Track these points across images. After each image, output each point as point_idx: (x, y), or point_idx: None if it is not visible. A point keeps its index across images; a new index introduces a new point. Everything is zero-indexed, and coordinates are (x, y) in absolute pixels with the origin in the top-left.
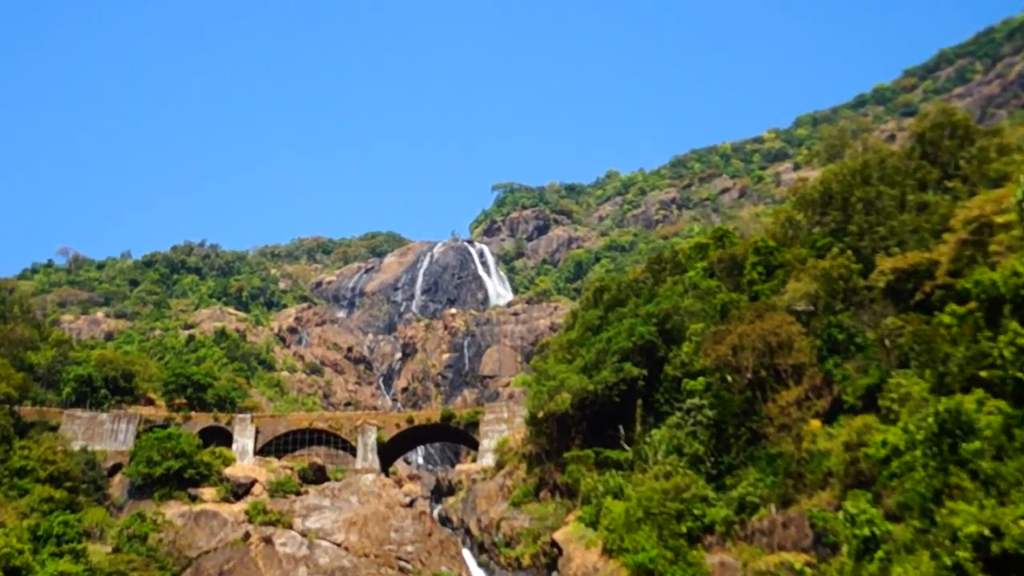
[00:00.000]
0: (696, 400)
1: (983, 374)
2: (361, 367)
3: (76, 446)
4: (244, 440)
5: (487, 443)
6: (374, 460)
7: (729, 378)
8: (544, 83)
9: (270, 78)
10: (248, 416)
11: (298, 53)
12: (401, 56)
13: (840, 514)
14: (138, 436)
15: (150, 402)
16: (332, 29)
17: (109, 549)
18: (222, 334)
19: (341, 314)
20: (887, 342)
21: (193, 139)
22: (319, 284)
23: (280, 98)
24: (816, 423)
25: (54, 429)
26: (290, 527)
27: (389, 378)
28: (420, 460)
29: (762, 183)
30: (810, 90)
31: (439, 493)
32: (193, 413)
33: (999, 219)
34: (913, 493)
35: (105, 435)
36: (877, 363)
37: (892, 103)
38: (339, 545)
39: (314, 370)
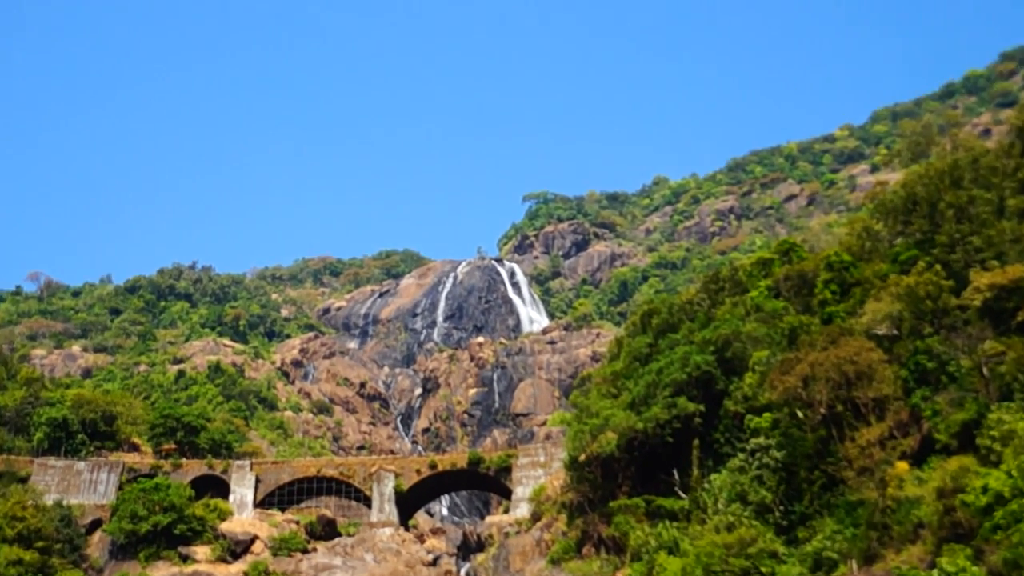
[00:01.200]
0: (761, 440)
1: None
2: (376, 405)
3: (49, 500)
4: (243, 490)
5: (521, 491)
6: (392, 512)
7: (800, 414)
8: (580, 81)
9: (270, 79)
10: (247, 463)
11: (302, 53)
12: (417, 55)
13: (935, 572)
14: (121, 487)
15: (135, 448)
16: (340, 26)
17: None
18: (217, 369)
19: (352, 344)
20: (985, 370)
21: (182, 148)
22: (327, 311)
23: (281, 103)
24: (903, 466)
25: (23, 480)
26: None
27: (408, 417)
28: (444, 511)
29: (834, 188)
30: (889, 80)
31: (467, 549)
32: (184, 460)
33: None
34: (1022, 548)
35: (83, 487)
36: (974, 395)
37: (986, 92)
38: None
39: (322, 409)
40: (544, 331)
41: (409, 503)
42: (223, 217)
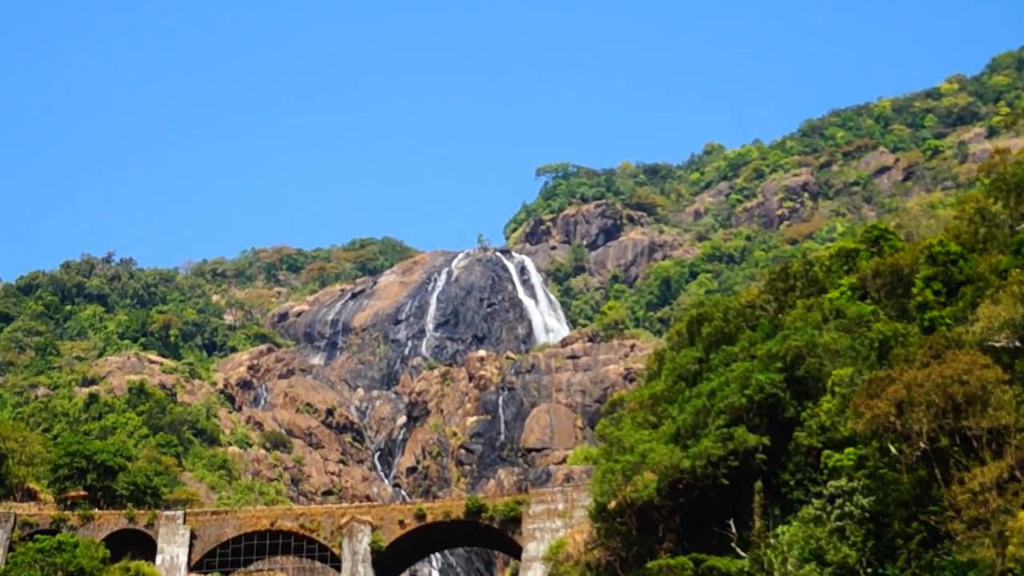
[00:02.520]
0: (843, 482)
1: None
2: (347, 438)
3: None
4: (174, 549)
5: (534, 548)
6: (368, 575)
7: (893, 449)
8: (606, 21)
9: (213, 38)
10: (180, 514)
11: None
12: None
13: None
14: (11, 548)
15: (31, 495)
16: None
17: None
18: (140, 392)
19: (317, 360)
20: None
21: (94, 120)
22: (284, 316)
23: (224, 65)
24: None
25: None
26: None
27: (389, 453)
28: (436, 574)
29: (939, 158)
30: (1013, 18)
31: None
32: (97, 511)
33: None
34: None
35: None
36: None
37: None
38: None
39: (278, 443)
40: (564, 342)
41: (390, 564)
42: (148, 199)
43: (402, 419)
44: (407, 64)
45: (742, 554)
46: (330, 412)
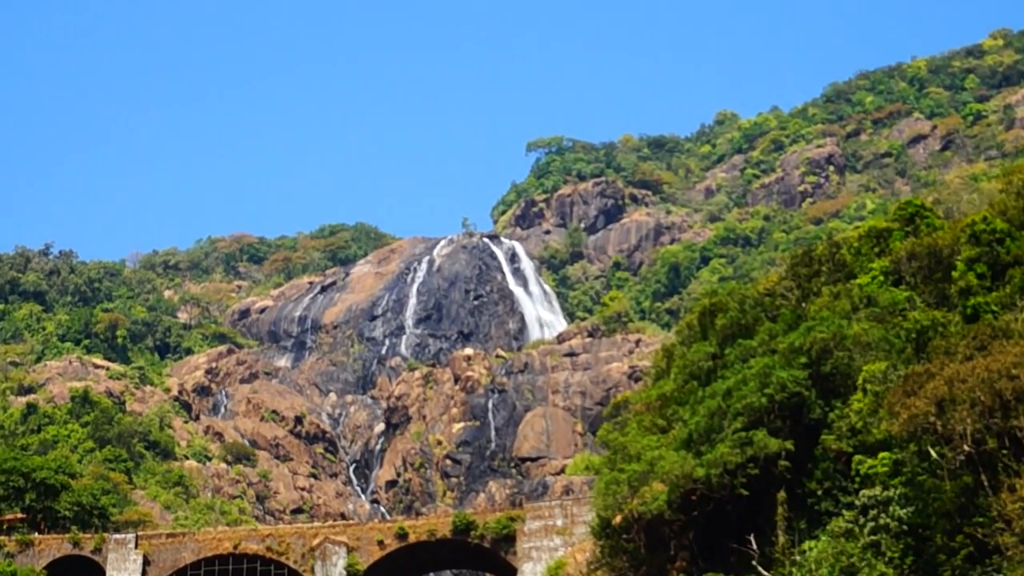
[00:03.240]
0: (878, 491)
1: None
2: (319, 449)
3: None
4: None
5: (531, 569)
6: None
7: (933, 452)
8: None
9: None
10: (131, 537)
11: None
12: None
13: None
14: None
15: None
16: None
17: None
18: (84, 401)
19: (283, 362)
20: None
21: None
22: (245, 313)
23: (175, 34)
24: None
25: None
26: None
27: (366, 466)
28: None
29: (981, 124)
30: None
31: None
32: (37, 535)
33: None
34: None
35: None
36: None
37: None
38: None
39: (241, 456)
40: (560, 338)
41: None
42: (90, 184)
43: (380, 427)
44: (378, 32)
45: (764, 573)
46: (299, 420)
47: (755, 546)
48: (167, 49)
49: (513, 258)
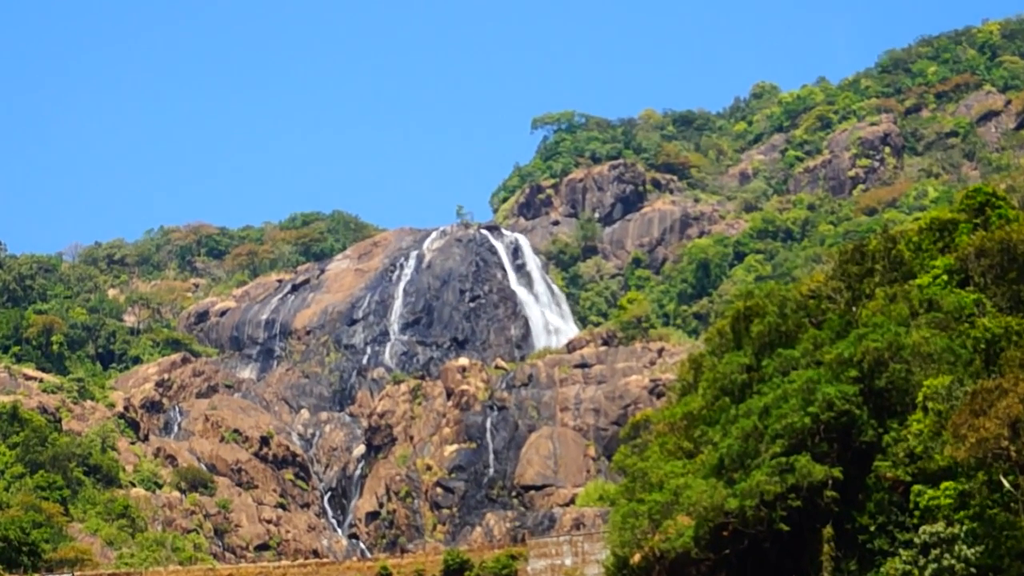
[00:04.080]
0: (941, 527)
1: None
2: (288, 474)
3: None
4: None
5: None
6: None
7: (1006, 482)
8: None
9: None
10: None
11: None
12: None
13: None
14: None
15: None
16: None
17: None
18: (13, 418)
19: (247, 373)
20: None
21: None
22: (203, 316)
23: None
24: None
25: None
26: None
27: (343, 495)
28: None
29: None
30: None
31: None
32: None
33: None
34: None
35: None
36: None
37: None
38: None
39: (196, 483)
40: (571, 347)
41: None
42: (22, 168)
43: (360, 449)
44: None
45: None
46: (265, 441)
47: None
48: (115, 20)
49: (516, 253)
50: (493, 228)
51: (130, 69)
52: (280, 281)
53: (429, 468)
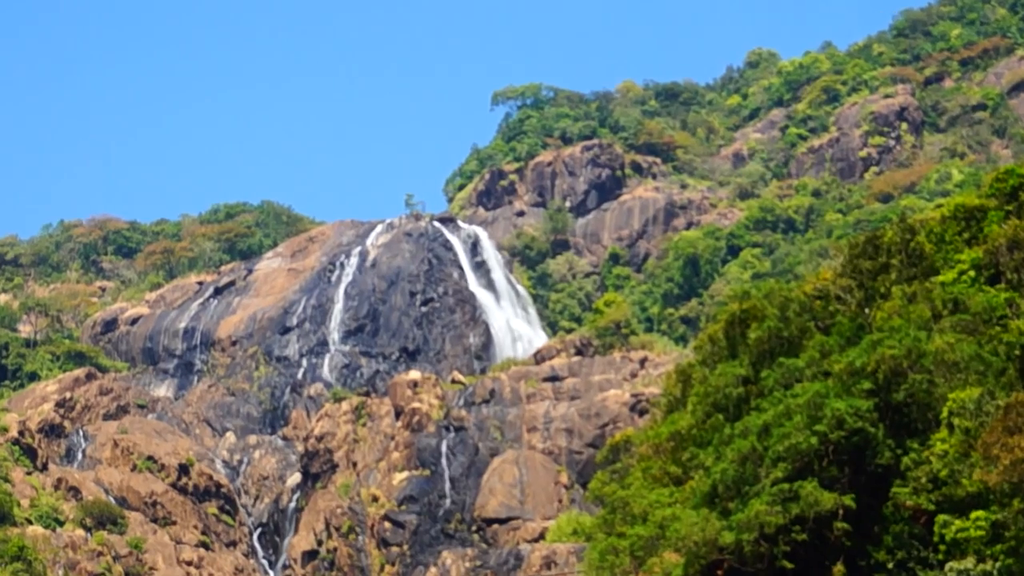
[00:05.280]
0: (970, 563)
1: None
2: (211, 508)
3: None
4: None
5: None
6: None
7: None
8: None
9: None
10: None
11: None
12: None
13: None
14: None
15: None
16: None
17: None
18: None
19: (163, 391)
20: None
21: None
22: (111, 325)
23: None
24: None
25: None
26: None
27: (275, 531)
28: None
29: None
30: None
31: None
32: None
33: None
34: None
35: None
36: None
37: None
38: None
39: (104, 519)
40: (539, 357)
41: None
42: None
43: (295, 478)
44: None
45: None
46: (184, 470)
47: None
48: None
49: (475, 249)
50: (448, 220)
51: (18, 41)
52: (200, 283)
53: (375, 499)
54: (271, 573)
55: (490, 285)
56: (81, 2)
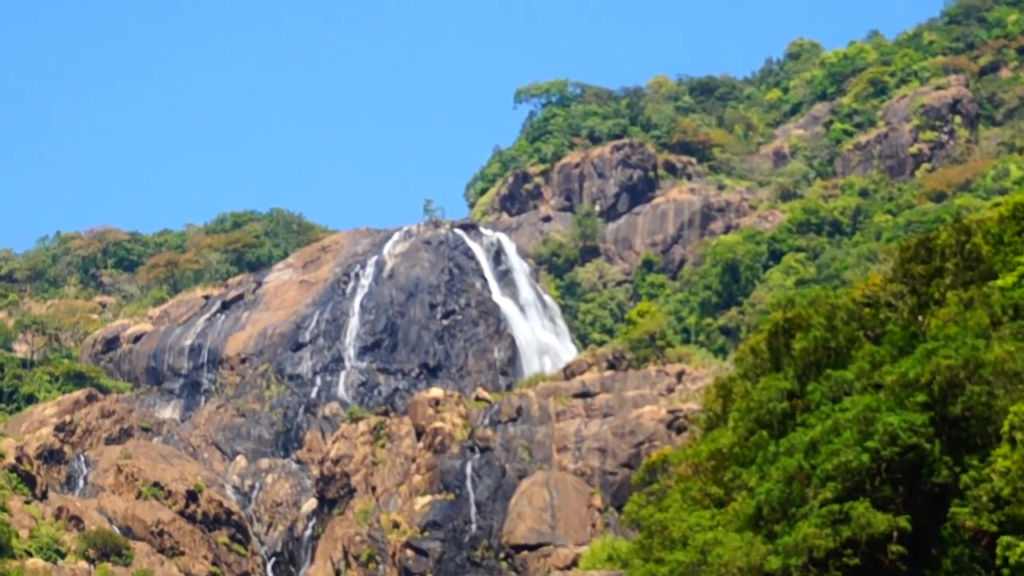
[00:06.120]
0: None
1: None
2: (222, 537)
3: None
4: None
5: None
6: None
7: None
8: None
9: None
10: None
11: None
12: None
13: None
14: None
15: None
16: None
17: None
18: None
19: (169, 412)
20: None
21: None
22: (112, 343)
23: None
24: None
25: None
26: None
27: (290, 560)
28: None
29: None
30: None
31: None
32: None
33: None
34: None
35: None
36: None
37: None
38: None
39: (108, 549)
40: (569, 371)
41: None
42: None
43: (310, 504)
44: None
45: None
46: (192, 496)
47: None
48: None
49: (498, 257)
50: (469, 227)
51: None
52: (207, 298)
53: (396, 526)
54: None
55: (515, 295)
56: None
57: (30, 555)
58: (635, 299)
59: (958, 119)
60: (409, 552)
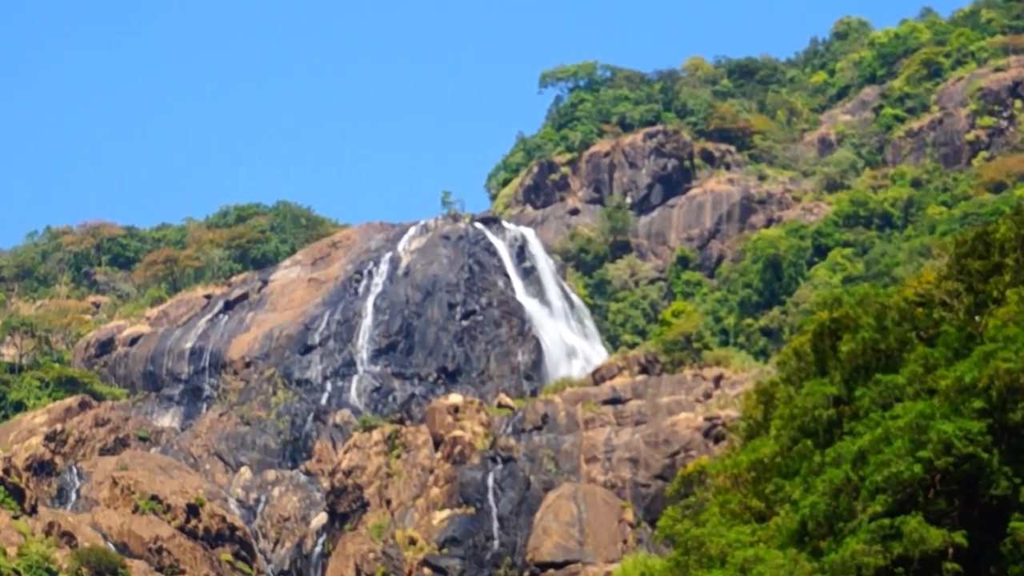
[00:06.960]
0: None
1: None
2: (225, 554)
3: None
4: None
5: None
6: None
7: None
8: None
9: None
10: None
11: None
12: None
13: None
14: None
15: None
16: None
17: None
18: None
19: (167, 421)
20: None
21: None
22: (107, 346)
23: None
24: None
25: None
26: None
27: None
28: None
29: None
30: None
31: None
32: None
33: None
34: None
35: None
36: None
37: None
38: None
39: (102, 567)
40: (598, 376)
41: None
42: None
43: (320, 519)
44: None
45: None
46: (193, 511)
47: None
48: None
49: (522, 253)
50: (491, 220)
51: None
52: (209, 297)
53: (413, 542)
54: None
55: (540, 294)
56: None
57: (18, 574)
58: (669, 298)
59: (1019, 103)
60: (426, 570)
